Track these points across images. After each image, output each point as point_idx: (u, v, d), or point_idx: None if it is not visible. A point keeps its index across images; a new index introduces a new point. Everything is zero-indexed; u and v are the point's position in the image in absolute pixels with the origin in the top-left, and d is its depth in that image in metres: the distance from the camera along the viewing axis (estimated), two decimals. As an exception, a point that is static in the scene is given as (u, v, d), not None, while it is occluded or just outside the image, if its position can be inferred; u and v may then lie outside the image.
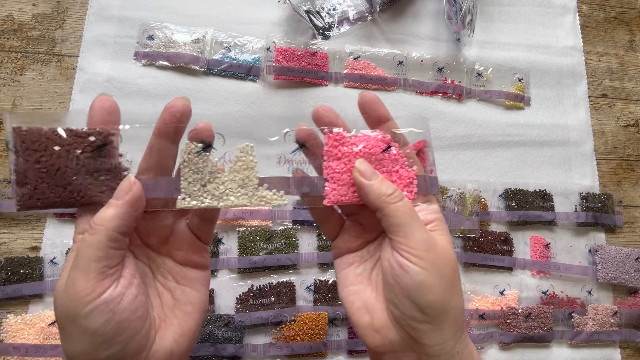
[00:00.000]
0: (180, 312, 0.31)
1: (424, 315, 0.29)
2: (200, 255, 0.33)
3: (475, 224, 0.63)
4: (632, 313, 0.64)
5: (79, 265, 0.26)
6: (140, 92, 0.64)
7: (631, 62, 0.78)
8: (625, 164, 0.73)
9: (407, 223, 0.30)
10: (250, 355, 0.56)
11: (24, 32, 0.65)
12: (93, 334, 0.26)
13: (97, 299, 0.26)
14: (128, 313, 0.27)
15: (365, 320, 0.32)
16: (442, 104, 0.70)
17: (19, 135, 0.28)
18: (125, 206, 0.27)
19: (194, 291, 0.32)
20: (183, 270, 0.32)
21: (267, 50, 0.66)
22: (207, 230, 0.33)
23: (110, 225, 0.27)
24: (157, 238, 0.31)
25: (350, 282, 0.33)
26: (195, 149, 0.30)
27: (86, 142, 0.29)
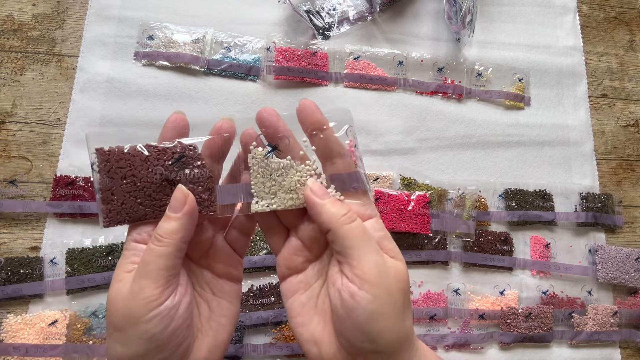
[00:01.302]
0: (215, 323, 0.32)
1: (376, 345, 0.28)
2: (236, 269, 0.34)
3: (470, 229, 0.63)
4: (632, 313, 0.64)
5: (148, 273, 0.28)
6: (140, 92, 0.64)
7: (631, 62, 0.78)
8: (625, 164, 0.73)
9: (360, 246, 0.29)
10: (250, 355, 0.56)
11: (24, 32, 0.65)
12: (150, 339, 0.27)
13: (160, 306, 0.28)
14: (182, 320, 0.29)
15: (314, 353, 0.31)
16: (442, 104, 0.70)
17: (103, 156, 0.30)
18: (186, 218, 0.29)
19: (229, 303, 0.33)
20: (220, 282, 0.33)
21: (267, 50, 0.66)
22: (244, 244, 0.34)
23: (177, 237, 0.28)
24: (198, 251, 0.32)
25: (297, 312, 0.32)
26: (262, 152, 0.31)
27: (168, 156, 0.31)
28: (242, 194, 0.32)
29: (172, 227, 0.28)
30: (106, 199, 0.30)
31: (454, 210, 0.63)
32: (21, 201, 0.57)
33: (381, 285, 0.28)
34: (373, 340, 0.28)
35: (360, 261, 0.28)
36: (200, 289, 0.33)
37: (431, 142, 0.68)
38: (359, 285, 0.28)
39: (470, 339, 0.60)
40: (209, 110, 0.64)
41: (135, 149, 0.30)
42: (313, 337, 0.31)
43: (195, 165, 0.31)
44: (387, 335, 0.28)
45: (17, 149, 0.60)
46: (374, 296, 0.28)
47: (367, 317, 0.28)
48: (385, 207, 0.62)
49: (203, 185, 0.31)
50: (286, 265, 0.33)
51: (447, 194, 0.64)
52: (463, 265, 0.64)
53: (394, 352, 0.29)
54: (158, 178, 0.31)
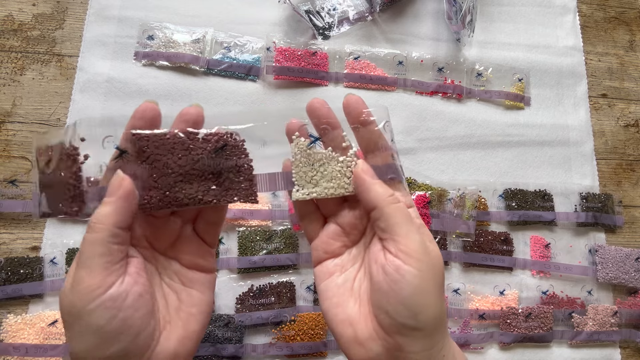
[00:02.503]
0: (185, 313, 0.31)
1: (417, 321, 0.29)
2: (206, 259, 0.33)
3: (470, 229, 0.63)
4: (632, 313, 0.64)
5: (83, 263, 0.27)
6: (140, 92, 0.64)
7: (631, 62, 0.78)
8: (625, 164, 0.73)
9: (406, 223, 0.30)
10: (250, 355, 0.56)
11: (24, 32, 0.65)
12: (98, 331, 0.26)
13: (102, 295, 0.26)
14: (132, 310, 0.27)
15: (349, 334, 0.31)
16: (442, 104, 0.70)
17: (141, 141, 0.29)
18: (120, 201, 0.28)
19: (200, 293, 0.32)
20: (189, 273, 0.33)
21: (267, 50, 0.66)
22: (214, 234, 0.34)
23: (108, 222, 0.27)
24: (164, 242, 0.32)
25: (332, 294, 0.33)
26: (305, 142, 0.32)
27: (210, 144, 0.30)
28: (282, 182, 0.32)
29: (105, 211, 0.27)
30: (147, 186, 0.29)
31: (454, 210, 0.63)
32: (21, 201, 0.57)
33: (425, 262, 0.29)
34: (415, 315, 0.29)
35: (406, 237, 0.29)
36: (168, 279, 0.32)
37: (431, 142, 0.68)
38: (404, 260, 0.29)
39: (470, 339, 0.60)
40: (209, 110, 0.64)
41: (177, 135, 0.30)
42: (349, 318, 0.31)
43: (237, 154, 0.31)
44: (428, 311, 0.29)
45: (17, 149, 0.60)
46: (418, 270, 0.29)
47: (411, 291, 0.28)
48: None
49: (245, 175, 0.31)
50: (324, 249, 0.34)
51: (447, 194, 0.64)
52: (463, 265, 0.64)
53: (432, 331, 0.29)
54: (200, 166, 0.30)
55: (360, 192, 0.32)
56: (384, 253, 0.30)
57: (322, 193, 0.32)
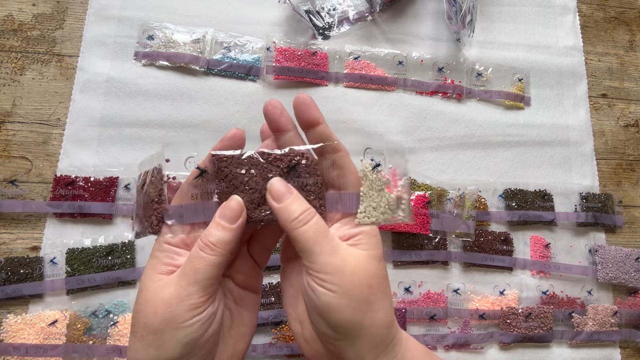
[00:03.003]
0: (236, 332, 0.33)
1: (336, 333, 0.30)
2: (256, 280, 0.35)
3: (470, 229, 0.63)
4: (632, 313, 0.64)
5: (199, 281, 0.28)
6: (140, 92, 0.64)
7: (631, 62, 0.78)
8: (625, 164, 0.73)
9: (310, 248, 0.30)
10: (250, 355, 0.56)
11: (24, 32, 0.65)
12: (188, 344, 0.28)
13: (204, 311, 0.29)
14: (218, 326, 0.30)
15: (298, 331, 0.33)
16: (442, 104, 0.70)
17: (220, 161, 0.31)
18: (239, 230, 0.30)
19: (249, 312, 0.34)
20: (241, 292, 0.34)
21: (267, 50, 0.66)
22: (265, 257, 0.35)
23: (228, 248, 0.29)
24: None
25: (289, 294, 0.34)
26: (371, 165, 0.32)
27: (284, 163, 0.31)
28: (350, 202, 0.32)
29: (226, 237, 0.29)
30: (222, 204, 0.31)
31: (454, 210, 0.63)
32: (21, 201, 0.57)
33: (336, 282, 0.29)
34: (333, 327, 0.30)
35: (314, 262, 0.30)
36: (224, 297, 0.33)
37: (431, 142, 0.68)
38: (317, 282, 0.30)
39: (470, 339, 0.60)
40: (209, 110, 0.64)
41: (252, 156, 0.31)
42: (298, 317, 0.33)
43: (309, 173, 0.32)
44: (345, 324, 0.29)
45: (17, 149, 0.60)
46: (328, 290, 0.29)
47: (323, 307, 0.29)
48: None
49: (316, 194, 0.32)
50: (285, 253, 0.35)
51: (447, 194, 0.64)
52: (463, 265, 0.64)
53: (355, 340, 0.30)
54: None
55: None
56: (305, 271, 0.31)
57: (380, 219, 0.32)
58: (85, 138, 0.61)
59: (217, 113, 0.64)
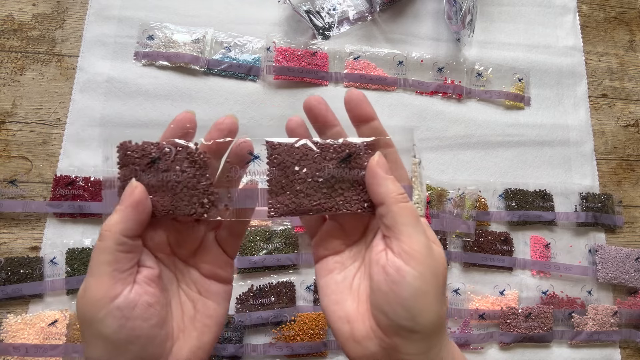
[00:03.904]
0: (200, 324, 0.31)
1: (415, 324, 0.28)
2: (225, 270, 0.33)
3: (470, 229, 0.63)
4: (632, 313, 0.64)
5: (91, 270, 0.27)
6: (140, 92, 0.64)
7: (631, 62, 0.78)
8: (625, 164, 0.73)
9: (412, 224, 0.29)
10: (250, 355, 0.56)
11: (24, 32, 0.65)
12: (107, 339, 0.26)
13: (110, 303, 0.26)
14: (141, 321, 0.27)
15: (346, 331, 0.31)
16: (442, 104, 0.70)
17: (273, 148, 0.31)
18: (128, 210, 0.28)
19: (215, 304, 0.32)
20: (207, 282, 0.32)
21: (267, 50, 0.66)
22: (234, 244, 0.34)
23: (116, 230, 0.27)
24: (186, 249, 0.32)
25: (332, 291, 0.32)
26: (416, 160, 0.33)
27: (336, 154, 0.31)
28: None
29: (113, 219, 0.27)
30: (275, 191, 0.31)
31: (454, 210, 0.63)
32: (21, 201, 0.57)
33: (427, 264, 0.28)
34: (414, 317, 0.28)
35: (410, 238, 0.29)
36: (186, 287, 0.32)
37: (431, 142, 0.68)
38: (406, 261, 0.28)
39: (470, 339, 0.60)
40: (209, 110, 0.64)
41: (305, 144, 0.31)
42: (347, 315, 0.31)
43: (360, 164, 0.31)
44: (427, 314, 0.28)
45: (17, 149, 0.60)
46: (420, 273, 0.28)
47: (411, 293, 0.28)
48: None
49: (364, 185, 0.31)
50: (325, 245, 0.34)
51: (447, 194, 0.64)
52: (463, 265, 0.64)
53: (430, 334, 0.29)
54: (324, 174, 0.31)
55: (370, 185, 0.31)
56: (386, 253, 0.30)
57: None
58: (85, 138, 0.61)
59: (217, 113, 0.64)
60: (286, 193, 0.31)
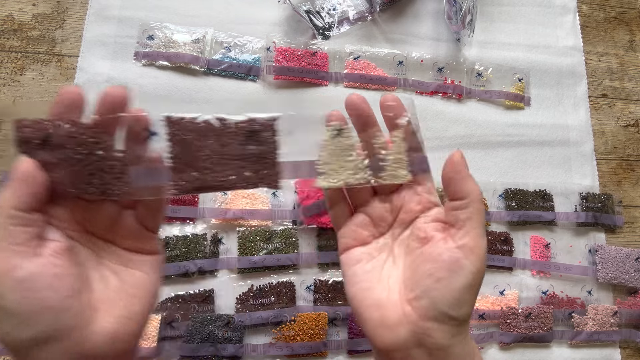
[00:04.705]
0: (126, 294, 0.31)
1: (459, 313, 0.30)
2: (148, 243, 0.33)
3: None
4: (632, 313, 0.64)
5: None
6: (140, 92, 0.64)
7: (631, 62, 0.78)
8: (625, 164, 0.73)
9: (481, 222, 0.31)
10: (250, 355, 0.56)
11: (24, 32, 0.65)
12: (8, 314, 0.26)
13: (6, 276, 0.26)
14: (50, 292, 0.27)
15: (376, 317, 0.31)
16: (442, 104, 0.70)
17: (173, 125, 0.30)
18: (17, 184, 0.27)
19: (143, 274, 0.32)
20: (131, 255, 0.32)
21: (267, 50, 0.66)
22: (154, 219, 0.33)
23: (7, 205, 0.27)
24: (99, 226, 0.31)
25: (361, 279, 0.33)
26: (332, 133, 0.33)
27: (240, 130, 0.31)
28: (305, 170, 0.33)
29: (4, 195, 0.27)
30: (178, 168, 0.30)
31: None
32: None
33: (482, 262, 0.31)
34: (460, 307, 0.30)
35: (476, 235, 0.31)
36: (108, 262, 0.32)
37: (431, 142, 0.68)
38: (466, 255, 0.30)
39: (470, 339, 0.60)
40: (209, 110, 0.64)
41: (207, 121, 0.31)
42: (377, 302, 0.32)
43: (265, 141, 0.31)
44: (468, 306, 0.30)
45: (17, 149, 0.60)
46: (476, 269, 0.30)
47: (464, 285, 0.30)
48: None
49: (269, 161, 0.31)
50: (352, 237, 0.35)
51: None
52: (463, 265, 0.64)
53: (461, 323, 0.30)
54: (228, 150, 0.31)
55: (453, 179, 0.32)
56: (446, 242, 0.31)
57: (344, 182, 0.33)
58: (85, 138, 0.61)
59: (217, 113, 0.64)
60: (190, 170, 0.30)
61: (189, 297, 0.57)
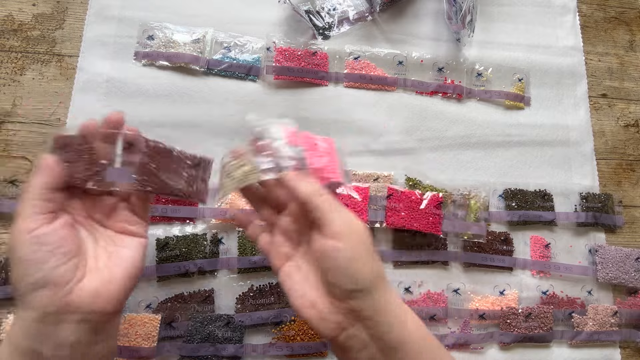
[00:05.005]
0: (112, 263, 0.38)
1: (357, 284, 0.36)
2: (136, 227, 0.41)
3: (482, 230, 0.62)
4: (632, 313, 0.64)
5: (18, 213, 0.35)
6: (140, 92, 0.64)
7: (631, 62, 0.78)
8: (625, 164, 0.73)
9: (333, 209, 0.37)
10: (250, 355, 0.56)
11: (24, 32, 0.65)
12: (22, 261, 0.34)
13: (28, 233, 0.34)
14: (55, 246, 0.35)
15: (314, 314, 0.37)
16: (442, 104, 0.70)
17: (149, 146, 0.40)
18: (43, 170, 0.36)
19: (128, 250, 0.39)
20: (121, 237, 0.40)
21: (267, 50, 0.66)
22: (142, 208, 0.42)
23: (36, 184, 0.36)
24: (100, 213, 0.40)
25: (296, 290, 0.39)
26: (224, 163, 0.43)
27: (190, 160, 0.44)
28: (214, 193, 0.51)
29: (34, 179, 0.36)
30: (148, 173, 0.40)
31: (457, 212, 0.63)
32: (21, 201, 0.57)
33: (353, 236, 0.37)
34: (354, 279, 0.36)
35: (333, 222, 0.37)
36: (104, 243, 0.39)
37: (431, 142, 0.68)
38: (337, 239, 0.36)
39: (470, 339, 0.60)
40: (209, 110, 0.64)
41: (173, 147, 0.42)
42: (311, 302, 0.37)
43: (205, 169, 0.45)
44: (363, 274, 0.36)
45: (17, 149, 0.60)
46: (348, 244, 0.36)
47: (346, 262, 0.36)
48: (398, 204, 0.62)
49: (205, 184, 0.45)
50: (277, 257, 0.41)
51: (452, 196, 0.64)
52: (463, 265, 0.64)
53: (371, 290, 0.36)
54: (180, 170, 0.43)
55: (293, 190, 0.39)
56: (321, 237, 0.37)
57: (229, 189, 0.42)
58: (85, 138, 0.61)
59: (217, 113, 0.64)
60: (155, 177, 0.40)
61: (189, 297, 0.57)
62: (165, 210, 0.59)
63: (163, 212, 0.59)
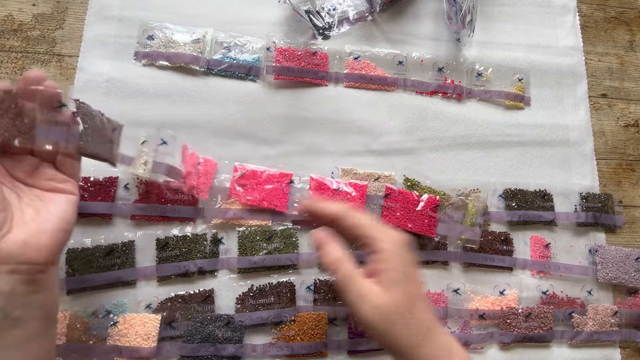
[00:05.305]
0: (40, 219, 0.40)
1: None
2: (65, 185, 0.42)
3: (475, 235, 0.62)
4: (632, 313, 0.64)
5: None
6: (140, 92, 0.64)
7: (631, 62, 0.78)
8: (625, 164, 0.73)
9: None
10: (250, 355, 0.56)
11: (24, 32, 0.65)
12: None
13: None
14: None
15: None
16: (442, 104, 0.70)
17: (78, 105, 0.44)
18: None
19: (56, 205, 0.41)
20: (49, 195, 0.41)
21: (267, 50, 0.66)
22: (71, 166, 0.43)
23: None
24: (22, 173, 0.41)
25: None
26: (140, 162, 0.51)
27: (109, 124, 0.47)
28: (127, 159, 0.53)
29: None
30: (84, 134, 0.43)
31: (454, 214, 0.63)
32: (21, 201, 0.57)
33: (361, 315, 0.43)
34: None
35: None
36: (28, 200, 0.40)
37: (431, 142, 0.68)
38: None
39: (470, 339, 0.60)
40: (209, 110, 0.64)
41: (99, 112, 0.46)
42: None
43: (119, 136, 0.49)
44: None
45: (17, 149, 0.60)
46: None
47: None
48: (394, 204, 0.62)
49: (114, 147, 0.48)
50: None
51: (450, 198, 0.64)
52: (463, 265, 0.64)
53: None
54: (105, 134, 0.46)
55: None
56: None
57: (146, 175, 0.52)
58: (85, 138, 0.61)
59: (217, 113, 0.64)
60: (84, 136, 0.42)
61: (189, 297, 0.57)
62: (165, 210, 0.59)
63: (163, 212, 0.59)
